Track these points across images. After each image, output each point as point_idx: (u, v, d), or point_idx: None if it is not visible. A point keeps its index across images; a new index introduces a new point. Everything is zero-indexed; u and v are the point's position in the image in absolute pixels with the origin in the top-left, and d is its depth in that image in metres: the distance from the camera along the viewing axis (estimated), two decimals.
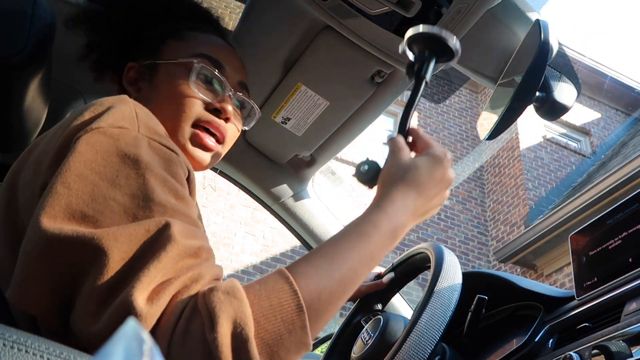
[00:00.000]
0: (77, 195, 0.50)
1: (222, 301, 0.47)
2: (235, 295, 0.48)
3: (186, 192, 0.59)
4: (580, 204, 5.76)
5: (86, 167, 0.52)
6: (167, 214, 0.53)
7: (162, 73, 0.79)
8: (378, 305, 1.11)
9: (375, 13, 0.88)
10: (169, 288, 0.48)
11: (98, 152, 0.54)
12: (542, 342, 0.82)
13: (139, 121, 0.60)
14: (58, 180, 0.51)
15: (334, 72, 1.05)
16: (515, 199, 7.55)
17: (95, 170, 0.52)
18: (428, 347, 0.76)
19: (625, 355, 0.60)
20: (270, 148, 1.28)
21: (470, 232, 7.63)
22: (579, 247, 0.85)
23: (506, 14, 0.87)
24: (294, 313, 0.49)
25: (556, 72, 0.88)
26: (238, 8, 1.15)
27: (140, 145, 0.56)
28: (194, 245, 0.51)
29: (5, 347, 0.33)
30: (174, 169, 0.58)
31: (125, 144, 0.55)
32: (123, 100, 0.62)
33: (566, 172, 8.10)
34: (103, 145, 0.55)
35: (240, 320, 0.46)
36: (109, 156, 0.54)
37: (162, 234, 0.50)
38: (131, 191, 0.52)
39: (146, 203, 0.52)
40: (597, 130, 8.87)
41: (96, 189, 0.51)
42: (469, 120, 8.70)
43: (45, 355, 0.34)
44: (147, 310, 0.46)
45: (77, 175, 0.52)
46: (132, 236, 0.49)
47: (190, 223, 0.55)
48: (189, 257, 0.51)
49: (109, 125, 0.57)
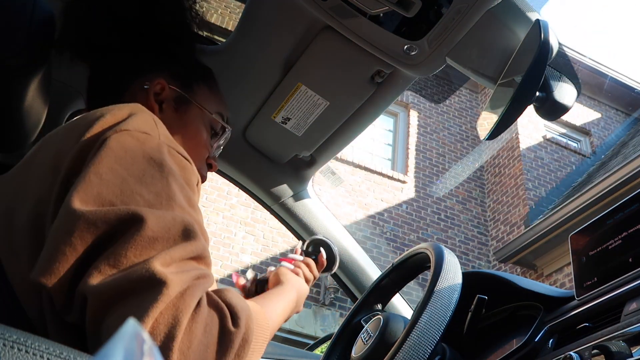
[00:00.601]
0: (108, 186, 0.54)
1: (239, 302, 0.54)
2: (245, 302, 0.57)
3: (197, 200, 0.64)
4: (580, 204, 5.76)
5: (116, 162, 0.56)
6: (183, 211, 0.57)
7: (192, 112, 0.85)
8: (378, 305, 1.11)
9: (375, 13, 0.88)
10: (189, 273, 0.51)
11: (127, 151, 0.58)
12: (542, 342, 0.82)
13: (159, 130, 0.64)
14: (91, 170, 0.54)
15: (334, 72, 1.05)
16: (515, 199, 7.55)
17: (124, 167, 0.56)
18: (428, 347, 0.76)
19: (625, 355, 0.60)
20: (270, 148, 1.28)
21: (470, 232, 7.63)
22: (579, 247, 0.85)
23: (506, 14, 0.87)
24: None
25: (556, 72, 0.88)
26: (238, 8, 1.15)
27: (163, 151, 0.60)
28: (206, 250, 0.57)
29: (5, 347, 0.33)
30: (189, 176, 0.63)
31: (150, 148, 0.59)
32: (142, 108, 0.66)
33: (566, 172, 8.10)
34: (131, 146, 0.58)
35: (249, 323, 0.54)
36: (136, 156, 0.58)
37: (188, 227, 0.54)
38: (156, 190, 0.56)
39: (169, 202, 0.56)
40: (597, 130, 8.87)
41: (124, 183, 0.55)
42: (469, 120, 8.70)
43: (45, 355, 0.34)
44: (171, 277, 0.49)
45: (108, 167, 0.55)
46: (160, 219, 0.53)
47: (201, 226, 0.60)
48: (203, 259, 0.56)
49: (135, 129, 0.60)
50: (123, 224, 0.51)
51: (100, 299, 0.48)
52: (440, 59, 0.93)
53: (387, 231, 7.11)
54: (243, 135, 1.25)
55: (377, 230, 7.04)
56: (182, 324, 0.47)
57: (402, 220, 7.27)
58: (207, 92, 0.89)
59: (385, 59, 0.97)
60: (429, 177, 7.86)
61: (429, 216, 7.47)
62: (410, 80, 1.04)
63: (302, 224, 1.38)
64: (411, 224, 7.29)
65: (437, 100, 8.42)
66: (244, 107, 1.18)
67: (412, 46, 0.92)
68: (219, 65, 1.05)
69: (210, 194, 6.27)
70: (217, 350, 0.50)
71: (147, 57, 0.87)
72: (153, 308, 0.46)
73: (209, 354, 0.49)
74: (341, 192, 6.90)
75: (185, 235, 0.54)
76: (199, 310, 0.50)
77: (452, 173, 8.09)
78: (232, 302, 0.54)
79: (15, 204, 0.59)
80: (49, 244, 0.52)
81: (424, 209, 7.51)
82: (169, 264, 0.50)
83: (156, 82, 0.83)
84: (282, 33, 1.02)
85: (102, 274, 0.49)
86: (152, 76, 0.83)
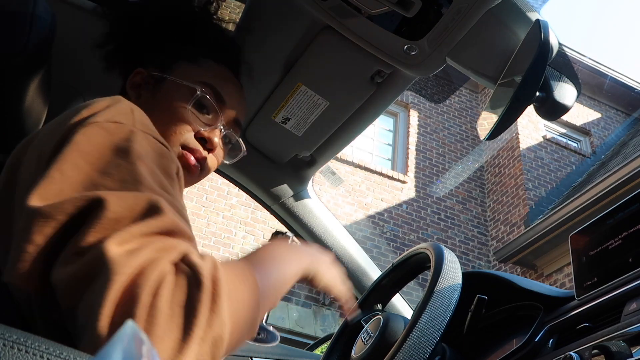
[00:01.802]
0: (70, 182, 0.52)
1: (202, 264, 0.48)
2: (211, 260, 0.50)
3: (175, 186, 0.60)
4: (580, 204, 5.75)
5: (81, 157, 0.54)
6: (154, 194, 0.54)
7: (166, 89, 0.82)
8: (378, 305, 1.11)
9: (375, 13, 0.88)
10: (151, 246, 0.47)
11: (93, 144, 0.55)
12: (542, 342, 0.82)
13: (135, 117, 0.62)
14: (54, 166, 0.52)
15: (334, 72, 1.05)
16: (515, 199, 7.55)
17: (88, 162, 0.54)
18: (428, 347, 0.76)
19: (626, 355, 0.60)
20: (270, 148, 1.28)
21: (470, 232, 7.63)
22: (579, 247, 0.85)
23: (506, 13, 0.87)
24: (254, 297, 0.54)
25: (556, 72, 0.88)
26: (238, 8, 1.15)
27: (134, 138, 0.58)
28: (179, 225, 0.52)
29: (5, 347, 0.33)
30: (166, 162, 0.60)
31: (119, 138, 0.57)
32: (120, 99, 0.65)
33: (566, 172, 8.10)
34: (98, 138, 0.56)
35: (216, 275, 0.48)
36: (103, 149, 0.55)
37: (154, 204, 0.51)
38: (121, 177, 0.53)
39: (135, 186, 0.53)
40: (597, 130, 8.87)
41: (87, 179, 0.52)
42: (469, 120, 8.70)
43: (45, 355, 0.34)
44: (122, 259, 0.45)
45: (71, 163, 0.53)
46: (121, 199, 0.49)
47: (178, 207, 0.55)
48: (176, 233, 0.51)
49: (105, 120, 0.58)
50: (83, 211, 0.49)
51: (66, 290, 0.46)
52: (440, 59, 0.93)
53: (387, 231, 7.11)
54: (243, 135, 1.25)
55: (377, 230, 7.04)
56: (142, 301, 0.43)
57: (402, 220, 7.27)
58: (189, 65, 0.85)
59: (385, 59, 0.97)
60: (429, 177, 7.86)
61: (429, 216, 7.47)
62: (410, 80, 1.04)
63: (302, 224, 1.38)
64: (411, 224, 7.29)
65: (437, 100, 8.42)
66: None
67: (412, 46, 0.92)
68: None
69: (210, 194, 6.27)
70: (186, 318, 0.44)
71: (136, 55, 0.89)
72: (108, 291, 0.43)
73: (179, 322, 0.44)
74: (341, 192, 6.90)
75: (150, 211, 0.50)
76: (164, 283, 0.45)
77: (452, 173, 8.09)
78: (196, 263, 0.48)
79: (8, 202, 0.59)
80: (13, 245, 0.51)
81: (424, 209, 7.51)
82: (128, 241, 0.47)
83: (134, 73, 0.85)
84: (282, 33, 1.02)
85: (65, 264, 0.47)
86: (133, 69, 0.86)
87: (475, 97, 9.06)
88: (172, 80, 0.83)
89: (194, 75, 0.84)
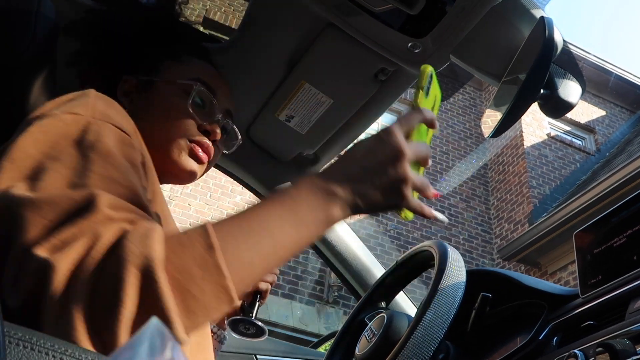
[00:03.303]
0: (19, 170, 0.52)
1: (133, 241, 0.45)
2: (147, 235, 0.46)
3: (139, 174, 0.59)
4: (584, 202, 5.74)
5: (33, 146, 0.54)
6: (104, 184, 0.52)
7: (159, 91, 0.84)
8: (382, 303, 1.11)
9: (379, 10, 0.88)
10: (81, 240, 0.46)
11: (46, 133, 0.56)
12: (546, 340, 0.82)
13: (95, 107, 0.61)
14: (6, 157, 0.53)
15: (338, 70, 1.05)
16: (519, 197, 7.53)
17: (40, 150, 0.54)
18: (432, 345, 0.76)
19: (630, 353, 0.60)
20: (273, 146, 1.28)
21: (474, 230, 7.62)
22: (584, 245, 0.85)
23: (510, 11, 0.87)
24: (204, 250, 0.47)
25: (561, 70, 0.88)
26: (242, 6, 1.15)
27: (89, 129, 0.57)
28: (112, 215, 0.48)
29: (10, 345, 0.33)
30: (128, 150, 0.60)
31: (74, 129, 0.57)
32: (86, 92, 0.65)
33: (570, 170, 8.07)
34: (52, 128, 0.56)
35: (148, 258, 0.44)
36: (56, 138, 0.55)
37: (86, 203, 0.48)
38: (72, 165, 0.53)
39: (85, 173, 0.52)
40: (601, 127, 8.84)
41: (38, 165, 0.52)
42: (473, 117, 8.68)
43: (50, 352, 0.34)
44: (53, 258, 0.44)
45: (22, 152, 0.53)
46: (53, 202, 0.48)
47: (132, 194, 0.53)
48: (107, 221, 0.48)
49: (64, 111, 0.59)
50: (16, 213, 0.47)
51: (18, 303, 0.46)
52: (444, 57, 0.93)
53: (391, 229, 7.11)
54: (247, 133, 1.25)
55: (380, 228, 7.04)
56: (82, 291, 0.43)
57: None
58: (174, 65, 0.88)
59: (389, 56, 0.97)
60: (433, 174, 7.85)
61: None
62: (414, 78, 1.04)
63: None
64: (415, 222, 7.29)
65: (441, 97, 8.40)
66: (247, 105, 1.18)
67: (416, 44, 0.92)
68: (223, 63, 1.05)
69: (214, 192, 6.27)
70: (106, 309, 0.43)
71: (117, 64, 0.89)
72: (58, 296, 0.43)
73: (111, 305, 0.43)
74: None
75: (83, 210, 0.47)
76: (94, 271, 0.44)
77: (456, 171, 8.08)
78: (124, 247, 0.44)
79: None
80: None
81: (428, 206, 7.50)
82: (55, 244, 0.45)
83: (123, 81, 0.86)
84: (285, 31, 1.02)
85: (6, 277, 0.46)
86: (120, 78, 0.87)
87: (479, 94, 9.04)
88: (162, 82, 0.85)
89: (183, 73, 0.86)
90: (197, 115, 0.84)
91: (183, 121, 0.82)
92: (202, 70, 0.89)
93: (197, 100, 0.85)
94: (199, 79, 0.86)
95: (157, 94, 0.84)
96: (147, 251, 0.45)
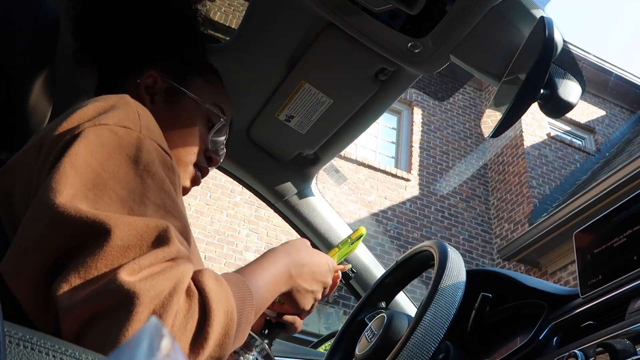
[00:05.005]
0: (82, 178, 0.53)
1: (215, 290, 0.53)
2: (222, 284, 0.54)
3: (178, 194, 0.63)
4: (584, 202, 5.74)
5: (92, 155, 0.55)
6: (159, 213, 0.55)
7: (185, 105, 0.84)
8: (382, 303, 1.11)
9: (379, 10, 0.88)
10: (162, 276, 0.49)
11: (104, 145, 0.57)
12: (546, 340, 0.82)
13: (141, 123, 0.63)
14: (66, 161, 0.53)
15: (338, 70, 1.05)
16: (519, 197, 7.53)
17: (99, 161, 0.55)
18: (432, 345, 0.76)
19: (630, 353, 0.60)
20: (273, 146, 1.28)
21: (474, 230, 7.61)
22: (584, 245, 0.85)
23: (510, 11, 0.87)
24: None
25: (561, 70, 0.88)
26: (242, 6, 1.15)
27: (142, 147, 0.59)
28: (182, 251, 0.54)
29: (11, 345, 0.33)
30: (169, 173, 0.62)
31: (128, 144, 0.58)
32: (126, 100, 0.65)
33: (570, 170, 8.07)
34: (109, 141, 0.57)
35: (230, 310, 0.53)
36: (113, 152, 0.57)
37: (162, 232, 0.52)
38: (129, 187, 0.55)
39: (142, 199, 0.55)
40: (601, 127, 8.83)
41: (98, 178, 0.54)
42: (473, 117, 8.68)
43: (50, 352, 0.35)
44: (140, 285, 0.47)
45: (83, 160, 0.54)
46: (131, 226, 0.51)
47: (182, 225, 0.58)
48: (177, 259, 0.53)
49: (115, 123, 0.59)
50: (91, 231, 0.50)
51: (75, 316, 0.47)
52: (444, 57, 0.93)
53: (391, 229, 7.11)
54: (247, 133, 1.25)
55: (380, 228, 7.04)
56: None
57: (405, 218, 7.26)
58: (202, 83, 0.88)
59: (389, 56, 0.97)
60: (433, 175, 7.84)
61: (432, 214, 7.46)
62: (414, 78, 1.04)
63: (306, 221, 1.38)
64: (415, 222, 7.29)
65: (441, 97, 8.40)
66: (247, 105, 1.18)
67: (416, 44, 0.92)
68: (223, 63, 1.05)
69: (214, 192, 6.27)
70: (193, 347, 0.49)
71: (143, 56, 0.87)
72: (129, 323, 0.46)
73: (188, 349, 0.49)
74: (345, 190, 6.90)
75: (159, 241, 0.52)
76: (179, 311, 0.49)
77: (455, 171, 8.08)
78: (209, 294, 0.52)
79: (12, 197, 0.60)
80: (16, 240, 0.52)
81: (428, 206, 7.50)
82: (138, 271, 0.49)
83: (147, 75, 0.84)
84: (285, 31, 1.02)
85: (72, 287, 0.47)
86: (145, 70, 0.85)
87: (479, 94, 9.03)
88: (190, 97, 0.85)
89: (207, 93, 0.87)
90: (210, 143, 0.86)
91: (199, 146, 0.84)
92: (221, 94, 0.91)
93: (212, 126, 0.86)
94: (219, 105, 0.88)
95: (183, 108, 0.84)
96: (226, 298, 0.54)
